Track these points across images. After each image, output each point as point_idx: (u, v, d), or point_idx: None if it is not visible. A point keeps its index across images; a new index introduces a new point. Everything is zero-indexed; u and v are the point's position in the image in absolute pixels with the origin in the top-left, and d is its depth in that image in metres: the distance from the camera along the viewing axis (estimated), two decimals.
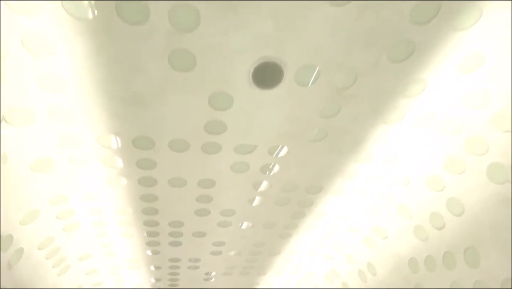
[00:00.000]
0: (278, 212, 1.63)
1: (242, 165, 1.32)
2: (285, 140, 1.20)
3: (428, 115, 1.17)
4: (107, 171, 1.28)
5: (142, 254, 1.89)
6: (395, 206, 1.55)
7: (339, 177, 1.44)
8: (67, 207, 1.43)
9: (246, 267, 2.15)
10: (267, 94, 1.00)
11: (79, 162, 1.21)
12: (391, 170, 1.40)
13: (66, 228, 1.54)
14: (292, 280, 2.42)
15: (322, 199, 1.57)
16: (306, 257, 2.10)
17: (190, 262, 2.01)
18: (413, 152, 1.30)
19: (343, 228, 1.79)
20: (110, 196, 1.41)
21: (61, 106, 1.01)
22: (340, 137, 1.21)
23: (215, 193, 1.47)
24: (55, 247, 1.60)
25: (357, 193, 1.55)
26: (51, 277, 1.75)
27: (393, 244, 1.68)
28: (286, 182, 1.43)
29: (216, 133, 1.13)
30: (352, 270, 2.00)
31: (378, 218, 1.65)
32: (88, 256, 1.84)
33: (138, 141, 1.15)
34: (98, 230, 1.64)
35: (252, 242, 1.85)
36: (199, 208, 1.56)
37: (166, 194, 1.44)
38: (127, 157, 1.22)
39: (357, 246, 1.87)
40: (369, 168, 1.39)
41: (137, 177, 1.32)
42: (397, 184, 1.46)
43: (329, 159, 1.32)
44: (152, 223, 1.62)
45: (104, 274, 2.09)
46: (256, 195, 1.51)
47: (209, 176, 1.37)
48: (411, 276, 1.60)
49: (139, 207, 1.50)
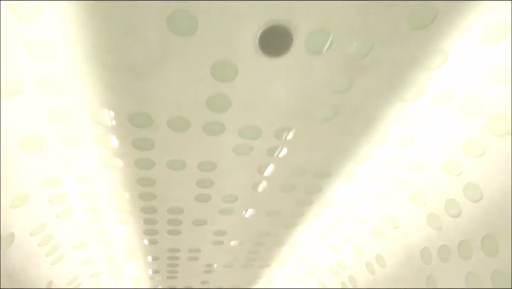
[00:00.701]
0: (284, 198, 1.55)
1: (246, 148, 1.23)
2: (292, 120, 1.11)
3: (448, 91, 1.08)
4: (102, 151, 1.19)
5: (139, 244, 1.81)
6: (408, 193, 1.46)
7: (349, 161, 1.35)
8: (60, 191, 1.34)
9: (249, 259, 2.07)
10: (275, 64, 0.91)
11: (71, 140, 1.13)
12: (405, 154, 1.31)
13: (59, 214, 1.46)
14: (295, 274, 2.34)
15: (331, 185, 1.49)
16: (311, 248, 2.02)
17: (190, 253, 1.93)
18: (429, 133, 1.22)
19: (351, 217, 1.71)
20: (105, 179, 1.32)
21: (51, 76, 0.92)
22: (352, 116, 1.12)
23: (216, 177, 1.39)
24: (48, 234, 1.52)
25: (368, 179, 1.46)
26: (45, 266, 1.67)
27: (404, 234, 1.59)
28: (293, 166, 1.34)
29: (219, 110, 1.04)
30: (359, 262, 1.92)
31: (389, 206, 1.57)
32: (83, 244, 1.77)
33: (135, 118, 1.06)
34: (93, 216, 1.56)
35: (255, 231, 1.77)
36: (199, 193, 1.48)
37: (164, 178, 1.35)
38: (122, 135, 1.13)
39: (365, 237, 1.78)
40: (382, 151, 1.30)
41: (134, 158, 1.24)
42: (410, 169, 1.37)
43: (339, 141, 1.24)
44: (150, 210, 1.54)
45: (100, 264, 2.01)
46: (260, 179, 1.42)
47: (210, 159, 1.28)
48: (423, 267, 1.52)
49: (136, 192, 1.42)
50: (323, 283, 2.30)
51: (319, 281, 2.31)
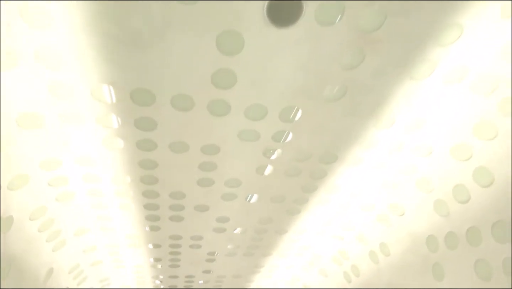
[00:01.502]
0: (288, 183, 1.51)
1: (251, 130, 1.20)
2: (299, 98, 1.08)
3: (461, 69, 1.04)
4: (103, 131, 1.16)
5: (141, 230, 1.79)
6: (415, 179, 1.43)
7: (356, 145, 1.32)
8: (60, 173, 1.31)
9: (251, 247, 2.04)
10: (283, 35, 0.87)
11: (71, 119, 1.09)
12: (413, 137, 1.28)
13: (59, 197, 1.43)
14: (297, 263, 2.32)
15: (336, 170, 1.45)
16: (314, 237, 1.99)
17: (192, 240, 1.91)
18: (439, 115, 1.18)
19: (356, 204, 1.68)
20: (106, 161, 1.29)
21: (50, 47, 0.89)
22: (360, 96, 1.09)
23: (219, 161, 1.36)
24: (49, 218, 1.49)
25: (374, 164, 1.43)
26: (46, 252, 1.65)
27: (409, 222, 1.56)
28: (299, 149, 1.31)
29: (224, 87, 1.01)
30: (362, 251, 1.89)
31: (394, 193, 1.53)
32: (84, 231, 1.74)
33: (137, 95, 1.03)
34: (94, 200, 1.53)
35: (258, 218, 1.74)
36: (201, 177, 1.45)
37: (166, 160, 1.32)
38: (124, 114, 1.10)
39: (369, 225, 1.76)
40: (390, 134, 1.27)
41: (136, 139, 1.21)
42: (418, 154, 1.34)
43: (346, 123, 1.20)
44: (152, 194, 1.51)
45: (102, 252, 1.99)
46: (265, 163, 1.39)
47: (214, 142, 1.25)
48: (429, 255, 1.49)
49: (138, 175, 1.39)
50: (325, 273, 2.28)
51: (321, 271, 2.29)
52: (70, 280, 2.02)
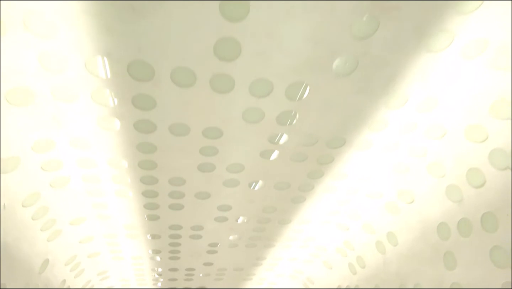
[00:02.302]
0: (293, 169, 1.45)
1: (256, 109, 1.13)
2: (307, 72, 1.01)
3: (480, 42, 0.97)
4: (99, 109, 1.09)
5: (140, 220, 1.72)
6: (426, 163, 1.37)
7: (365, 127, 1.25)
8: (53, 156, 1.25)
9: (253, 238, 1.98)
10: (290, 2, 0.81)
11: (64, 94, 1.02)
12: (426, 118, 1.21)
13: (53, 183, 1.36)
14: (301, 255, 2.26)
15: (344, 155, 1.39)
16: (318, 227, 1.93)
17: (193, 230, 1.85)
18: (455, 92, 1.12)
19: (363, 192, 1.62)
20: (102, 143, 1.23)
21: (39, 13, 0.82)
22: (372, 70, 1.02)
23: (221, 145, 1.29)
24: (42, 205, 1.43)
25: (383, 148, 1.36)
26: (40, 242, 1.58)
27: (419, 209, 1.50)
28: (305, 132, 1.25)
29: (228, 58, 0.94)
30: (369, 241, 1.83)
31: (404, 179, 1.47)
32: (80, 220, 1.68)
33: (135, 69, 0.96)
34: (90, 187, 1.47)
35: (262, 206, 1.68)
36: (202, 162, 1.38)
37: (166, 143, 1.26)
38: (121, 90, 1.03)
39: (377, 214, 1.69)
40: (401, 114, 1.20)
41: (133, 120, 1.14)
42: (431, 136, 1.27)
43: (356, 102, 1.13)
44: (150, 180, 1.45)
45: (99, 243, 1.93)
46: (270, 147, 1.32)
47: (217, 124, 1.18)
48: (440, 243, 1.43)
49: (136, 159, 1.32)
50: (329, 265, 2.22)
51: (325, 263, 2.23)
52: (67, 272, 1.96)
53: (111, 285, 2.48)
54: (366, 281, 1.95)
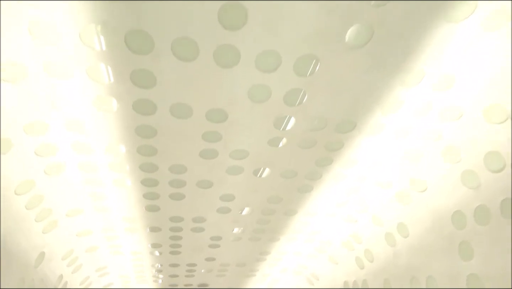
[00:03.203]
0: (301, 156, 1.38)
1: (262, 89, 1.06)
2: (317, 44, 0.94)
3: (502, 12, 0.91)
4: (94, 87, 1.02)
5: (139, 211, 1.65)
6: (440, 148, 1.30)
7: (377, 108, 1.18)
8: (47, 139, 1.18)
9: (257, 231, 1.91)
10: None
11: (58, 70, 0.96)
12: (443, 97, 1.14)
13: (48, 170, 1.30)
14: (306, 249, 2.18)
15: (354, 140, 1.32)
16: (324, 220, 1.86)
17: (194, 223, 1.78)
18: (474, 68, 1.05)
19: (373, 180, 1.54)
20: (99, 126, 1.16)
21: None
22: (387, 42, 0.95)
23: (225, 129, 1.22)
24: (37, 194, 1.36)
25: (395, 131, 1.29)
26: (36, 234, 1.52)
27: (432, 198, 1.43)
28: (314, 114, 1.18)
29: (233, 27, 0.87)
30: (377, 233, 1.76)
31: (417, 166, 1.40)
32: (77, 211, 1.61)
33: (133, 40, 0.89)
34: (87, 175, 1.40)
35: (267, 196, 1.61)
36: (205, 148, 1.31)
37: (167, 127, 1.19)
38: (119, 65, 0.96)
39: (386, 204, 1.62)
40: (416, 94, 1.13)
41: (132, 99, 1.07)
42: (447, 118, 1.20)
43: (369, 79, 1.07)
44: (150, 167, 1.38)
45: (97, 236, 1.86)
46: (276, 133, 1.25)
47: (221, 104, 1.12)
48: (455, 233, 1.36)
49: (134, 144, 1.26)
50: (335, 259, 2.15)
51: (331, 258, 2.16)
52: (64, 267, 1.89)
53: (110, 282, 2.41)
54: (374, 276, 1.88)
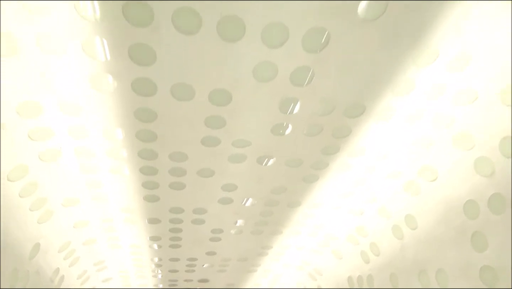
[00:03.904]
0: (306, 144, 1.33)
1: (268, 66, 1.00)
2: (328, 15, 0.88)
3: None
4: (90, 63, 0.97)
5: (138, 201, 1.60)
6: (452, 134, 1.24)
7: (388, 90, 1.13)
8: (41, 122, 1.12)
9: (259, 223, 1.85)
10: None
11: (51, 43, 0.90)
12: (457, 78, 1.09)
13: (42, 156, 1.24)
14: (309, 243, 2.13)
15: (362, 126, 1.26)
16: (329, 212, 1.80)
17: (195, 214, 1.72)
18: (492, 47, 0.99)
19: (381, 170, 1.49)
20: (96, 108, 1.10)
21: None
22: (402, 15, 0.90)
23: (229, 113, 1.17)
24: (31, 181, 1.30)
25: (406, 117, 1.24)
26: (30, 224, 1.46)
27: (443, 187, 1.37)
28: (322, 96, 1.12)
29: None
30: (384, 226, 1.70)
31: (427, 153, 1.34)
32: (74, 201, 1.55)
33: (130, 10, 0.84)
34: (83, 162, 1.34)
35: (270, 186, 1.55)
36: (207, 135, 1.25)
37: (167, 110, 1.13)
38: (116, 38, 0.91)
39: (394, 195, 1.57)
40: (430, 74, 1.08)
41: (131, 78, 1.01)
42: (460, 101, 1.15)
43: (381, 57, 1.01)
44: (149, 155, 1.32)
45: (95, 228, 1.80)
46: (281, 118, 1.20)
47: (225, 84, 1.06)
48: (467, 223, 1.30)
49: (133, 129, 1.20)
50: (339, 254, 2.09)
51: (335, 252, 2.10)
52: (61, 260, 1.83)
53: (108, 276, 2.35)
54: (379, 270, 1.82)
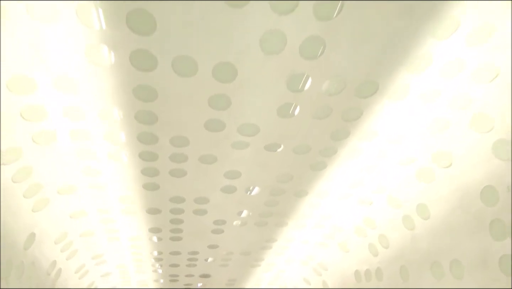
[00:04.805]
0: (315, 128, 1.26)
1: (277, 34, 0.93)
2: None
3: None
4: (86, 33, 0.90)
5: (137, 190, 1.53)
6: (470, 116, 1.17)
7: (403, 66, 1.06)
8: (35, 100, 1.05)
9: (264, 214, 1.78)
10: None
11: (42, 12, 0.83)
12: (477, 53, 1.02)
13: (36, 137, 1.17)
14: (314, 236, 2.06)
15: (375, 107, 1.19)
16: (336, 202, 1.73)
17: (197, 204, 1.65)
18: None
19: (393, 156, 1.42)
20: (92, 84, 1.03)
21: None
22: None
23: (233, 92, 1.10)
24: (25, 166, 1.24)
25: (421, 97, 1.17)
26: (25, 212, 1.39)
27: (458, 173, 1.30)
28: (333, 71, 1.05)
29: None
30: (394, 216, 1.63)
31: (442, 137, 1.27)
32: (70, 189, 1.48)
33: None
34: (80, 146, 1.27)
35: (276, 174, 1.48)
36: (210, 118, 1.19)
37: (168, 88, 1.07)
38: (113, 3, 0.84)
39: (406, 184, 1.50)
40: (448, 48, 1.01)
41: (129, 50, 0.95)
42: (479, 79, 1.08)
43: (398, 28, 0.94)
44: (149, 139, 1.26)
45: (93, 219, 1.74)
46: (290, 98, 1.13)
47: (230, 58, 0.99)
48: (485, 210, 1.23)
49: (132, 109, 1.13)
50: (346, 247, 2.02)
51: (341, 245, 2.04)
52: (58, 252, 1.77)
53: (107, 271, 2.29)
54: (389, 263, 1.75)
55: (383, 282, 1.78)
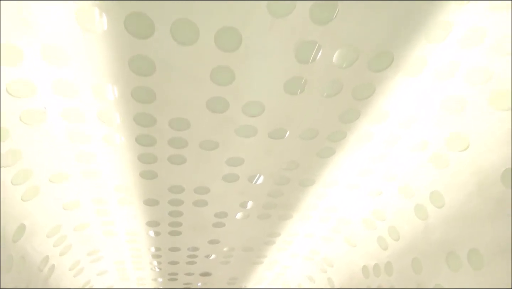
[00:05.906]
0: (323, 108, 1.18)
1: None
2: None
3: None
4: None
5: (134, 178, 1.44)
6: (489, 91, 1.09)
7: (422, 34, 0.98)
8: (23, 74, 0.97)
9: (267, 206, 1.70)
10: None
11: None
12: (500, 22, 0.94)
13: (25, 117, 1.09)
14: (319, 230, 1.97)
15: (388, 83, 1.12)
16: (344, 193, 1.65)
17: (197, 194, 1.56)
18: None
19: (405, 140, 1.34)
20: (83, 55, 0.95)
21: None
22: None
23: (237, 64, 1.02)
24: (13, 149, 1.15)
25: (437, 72, 1.09)
26: (14, 201, 1.31)
27: (475, 156, 1.22)
28: (345, 41, 0.97)
29: None
30: (405, 206, 1.55)
31: (458, 118, 1.20)
32: (62, 176, 1.40)
33: None
34: (72, 128, 1.19)
35: (280, 161, 1.40)
36: (213, 96, 1.11)
37: (167, 59, 0.99)
38: None
39: (418, 170, 1.41)
40: (468, 14, 0.93)
41: (124, 13, 0.87)
42: (500, 51, 1.00)
43: None
44: (147, 120, 1.17)
45: (87, 210, 1.65)
46: (297, 70, 1.05)
47: (234, 21, 0.91)
48: (506, 195, 1.15)
49: (129, 85, 1.05)
50: (352, 241, 1.93)
51: (347, 239, 1.95)
52: (50, 246, 1.68)
53: (104, 269, 2.19)
54: (399, 256, 1.67)
55: (393, 276, 1.70)
